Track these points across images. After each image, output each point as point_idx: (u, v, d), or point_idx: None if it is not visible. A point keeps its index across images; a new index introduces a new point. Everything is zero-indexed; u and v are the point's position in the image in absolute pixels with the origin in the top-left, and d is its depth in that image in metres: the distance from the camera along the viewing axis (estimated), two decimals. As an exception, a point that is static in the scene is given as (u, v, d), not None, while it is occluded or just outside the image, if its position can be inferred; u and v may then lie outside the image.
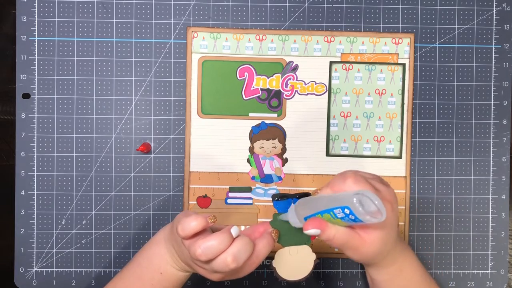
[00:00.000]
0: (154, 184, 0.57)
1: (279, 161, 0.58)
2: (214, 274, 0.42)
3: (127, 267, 0.48)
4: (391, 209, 0.40)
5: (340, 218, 0.37)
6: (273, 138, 0.58)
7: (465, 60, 0.58)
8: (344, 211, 0.36)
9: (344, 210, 0.36)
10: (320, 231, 0.39)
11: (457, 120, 0.58)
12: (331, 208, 0.37)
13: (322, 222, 0.39)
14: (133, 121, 0.57)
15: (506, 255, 0.58)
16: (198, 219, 0.41)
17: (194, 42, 0.57)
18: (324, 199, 0.39)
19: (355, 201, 0.35)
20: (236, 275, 0.43)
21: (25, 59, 0.57)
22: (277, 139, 0.58)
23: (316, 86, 0.58)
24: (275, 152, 0.58)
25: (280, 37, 0.57)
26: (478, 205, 0.58)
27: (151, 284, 0.46)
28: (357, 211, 0.35)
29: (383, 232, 0.40)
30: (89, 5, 0.57)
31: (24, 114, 0.57)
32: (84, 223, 0.57)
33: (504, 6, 0.58)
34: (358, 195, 0.36)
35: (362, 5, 0.58)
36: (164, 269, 0.46)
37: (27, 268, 0.57)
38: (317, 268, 0.58)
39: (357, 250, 0.41)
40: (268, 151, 0.57)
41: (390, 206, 0.40)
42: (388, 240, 0.41)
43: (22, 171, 0.57)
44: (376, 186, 0.40)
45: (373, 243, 0.40)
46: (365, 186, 0.39)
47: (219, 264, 0.40)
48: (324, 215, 0.38)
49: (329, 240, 0.39)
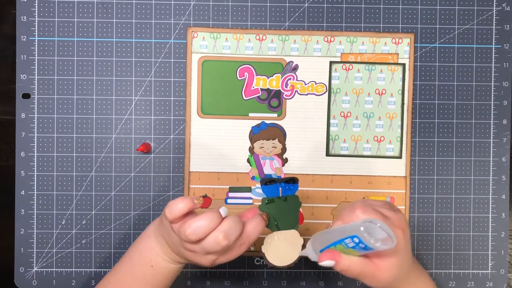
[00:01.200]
0: (154, 184, 0.57)
1: (279, 161, 0.58)
2: (205, 257, 0.42)
3: (120, 262, 0.49)
4: (402, 234, 0.40)
5: (351, 248, 0.38)
6: (273, 138, 0.58)
7: (465, 60, 0.58)
8: (353, 240, 0.37)
9: (353, 239, 0.37)
10: (335, 262, 0.40)
11: (457, 120, 0.58)
12: (342, 238, 0.38)
13: (336, 253, 0.40)
14: (133, 121, 0.57)
15: (506, 255, 0.58)
16: (184, 200, 0.41)
17: (194, 42, 0.57)
18: (336, 231, 0.40)
19: (362, 230, 0.36)
20: (228, 257, 0.43)
21: (25, 59, 0.57)
22: (277, 139, 0.58)
23: (316, 86, 0.58)
24: (275, 152, 0.58)
25: (280, 37, 0.57)
26: (478, 205, 0.58)
27: (142, 278, 0.46)
28: (365, 239, 0.36)
29: (397, 257, 0.41)
30: (89, 5, 0.57)
31: (24, 114, 0.57)
32: (84, 223, 0.57)
33: (504, 6, 0.58)
34: (365, 223, 0.37)
35: (362, 5, 0.58)
36: (155, 262, 0.46)
37: (27, 268, 0.57)
38: (317, 268, 0.58)
39: (374, 278, 0.41)
40: (268, 151, 0.57)
41: (401, 231, 0.40)
42: (403, 264, 0.42)
43: (22, 171, 0.57)
44: (384, 213, 0.41)
45: (389, 269, 0.41)
46: (373, 214, 0.39)
47: (210, 243, 0.40)
48: (337, 246, 0.39)
49: (345, 270, 0.40)
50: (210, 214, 0.41)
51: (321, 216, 0.58)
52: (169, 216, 0.41)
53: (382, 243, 0.36)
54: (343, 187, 0.58)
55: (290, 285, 0.58)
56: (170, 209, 0.41)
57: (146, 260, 0.46)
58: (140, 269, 0.46)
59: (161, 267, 0.46)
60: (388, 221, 0.40)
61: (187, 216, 0.42)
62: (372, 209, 0.40)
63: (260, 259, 0.58)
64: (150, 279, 0.46)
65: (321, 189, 0.58)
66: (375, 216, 0.39)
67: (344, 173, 0.57)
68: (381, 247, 0.36)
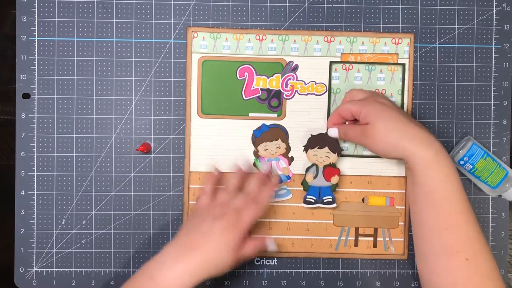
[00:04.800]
0: (154, 184, 0.57)
1: (285, 161, 0.58)
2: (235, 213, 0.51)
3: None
4: (378, 104, 0.50)
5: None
6: (275, 138, 0.58)
7: (465, 60, 0.58)
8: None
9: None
10: (337, 128, 0.54)
11: (457, 120, 0.58)
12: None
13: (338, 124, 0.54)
14: (133, 121, 0.57)
15: (506, 255, 0.58)
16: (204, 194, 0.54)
17: (194, 42, 0.57)
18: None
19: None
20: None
21: (25, 59, 0.57)
22: (280, 139, 0.57)
23: (316, 86, 0.58)
24: (280, 152, 0.58)
25: (280, 37, 0.57)
26: (478, 205, 0.58)
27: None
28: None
29: (382, 121, 0.48)
30: (89, 5, 0.57)
31: (24, 114, 0.57)
32: (84, 223, 0.57)
33: (504, 6, 0.58)
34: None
35: (362, 5, 0.58)
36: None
37: (27, 268, 0.57)
38: (317, 268, 0.58)
39: (372, 138, 0.49)
40: (272, 152, 0.57)
41: (373, 100, 0.51)
42: (393, 127, 0.48)
43: (22, 171, 0.57)
44: (360, 96, 0.53)
45: (378, 128, 0.48)
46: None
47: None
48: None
49: (345, 134, 0.53)
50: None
51: (321, 216, 0.58)
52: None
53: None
54: (343, 187, 0.58)
55: (290, 285, 0.58)
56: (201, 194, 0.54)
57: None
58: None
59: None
60: (363, 99, 0.51)
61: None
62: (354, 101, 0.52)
63: (260, 259, 0.58)
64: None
65: (321, 189, 0.58)
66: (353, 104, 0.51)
67: (344, 173, 0.57)
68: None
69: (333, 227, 0.58)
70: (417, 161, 0.47)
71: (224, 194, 0.53)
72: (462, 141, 0.56)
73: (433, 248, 0.46)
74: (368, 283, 0.58)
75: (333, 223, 0.58)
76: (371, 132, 0.49)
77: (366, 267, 0.58)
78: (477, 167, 0.55)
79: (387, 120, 0.48)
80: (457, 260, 0.45)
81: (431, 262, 0.46)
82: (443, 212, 0.46)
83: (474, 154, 0.54)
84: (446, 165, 0.47)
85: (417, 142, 0.47)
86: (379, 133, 0.48)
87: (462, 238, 0.45)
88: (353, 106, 0.51)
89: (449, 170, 0.47)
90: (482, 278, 0.44)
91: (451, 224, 0.46)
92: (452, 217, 0.46)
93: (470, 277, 0.44)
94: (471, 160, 0.54)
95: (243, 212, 0.50)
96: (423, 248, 0.48)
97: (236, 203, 0.51)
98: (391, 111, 0.49)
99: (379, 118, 0.49)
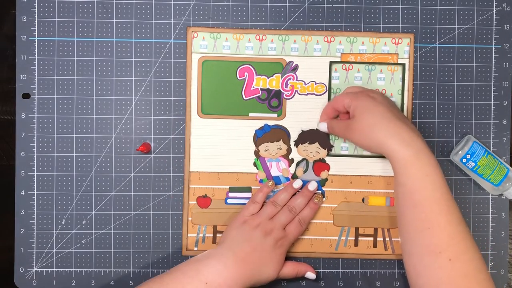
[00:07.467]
0: (154, 184, 0.57)
1: (285, 162, 0.58)
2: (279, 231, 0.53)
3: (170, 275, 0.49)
4: (368, 98, 0.50)
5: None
6: (277, 140, 0.58)
7: (465, 60, 0.58)
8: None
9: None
10: (326, 123, 0.55)
11: (457, 120, 0.58)
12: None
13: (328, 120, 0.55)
14: (133, 121, 0.57)
15: (506, 255, 0.58)
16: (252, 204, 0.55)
17: (194, 42, 0.57)
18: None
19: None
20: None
21: (25, 59, 0.57)
22: (281, 140, 0.57)
23: (316, 86, 0.58)
24: (281, 154, 0.58)
25: (280, 37, 0.57)
26: (478, 205, 0.58)
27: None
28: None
29: (366, 115, 0.49)
30: (89, 5, 0.57)
31: (24, 114, 0.57)
32: (84, 223, 0.57)
33: (504, 6, 0.58)
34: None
35: (362, 5, 0.58)
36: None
37: (27, 268, 0.57)
38: (317, 268, 0.58)
39: (357, 132, 0.49)
40: (273, 153, 0.57)
41: (365, 95, 0.51)
42: (376, 122, 0.48)
43: (22, 171, 0.57)
44: (354, 90, 0.53)
45: (361, 122, 0.49)
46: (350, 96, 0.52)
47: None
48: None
49: (332, 129, 0.54)
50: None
51: (321, 216, 0.58)
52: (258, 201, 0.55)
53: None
54: (343, 187, 0.58)
55: (290, 285, 0.58)
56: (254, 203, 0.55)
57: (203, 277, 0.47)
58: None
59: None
60: (356, 92, 0.52)
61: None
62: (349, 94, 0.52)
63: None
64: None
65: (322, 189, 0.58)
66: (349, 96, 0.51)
67: (344, 173, 0.58)
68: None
69: (333, 227, 0.58)
70: (397, 159, 0.47)
71: (271, 208, 0.54)
72: (463, 140, 0.56)
73: (417, 248, 0.46)
74: (368, 283, 0.58)
75: (333, 223, 0.58)
76: (355, 126, 0.49)
77: (366, 267, 0.58)
78: (479, 164, 0.55)
79: (372, 115, 0.48)
80: (440, 261, 0.44)
81: (416, 262, 0.46)
82: (424, 212, 0.46)
83: (475, 152, 0.54)
84: (427, 164, 0.46)
85: (398, 140, 0.47)
86: (362, 127, 0.49)
87: (444, 238, 0.45)
88: (345, 99, 0.51)
89: (431, 169, 0.46)
90: (467, 279, 0.44)
91: (432, 224, 0.45)
92: (433, 217, 0.45)
93: (454, 278, 0.44)
94: (473, 158, 0.54)
95: (289, 230, 0.53)
96: (408, 248, 0.47)
97: (283, 220, 0.53)
98: (378, 106, 0.49)
99: (364, 113, 0.49)
